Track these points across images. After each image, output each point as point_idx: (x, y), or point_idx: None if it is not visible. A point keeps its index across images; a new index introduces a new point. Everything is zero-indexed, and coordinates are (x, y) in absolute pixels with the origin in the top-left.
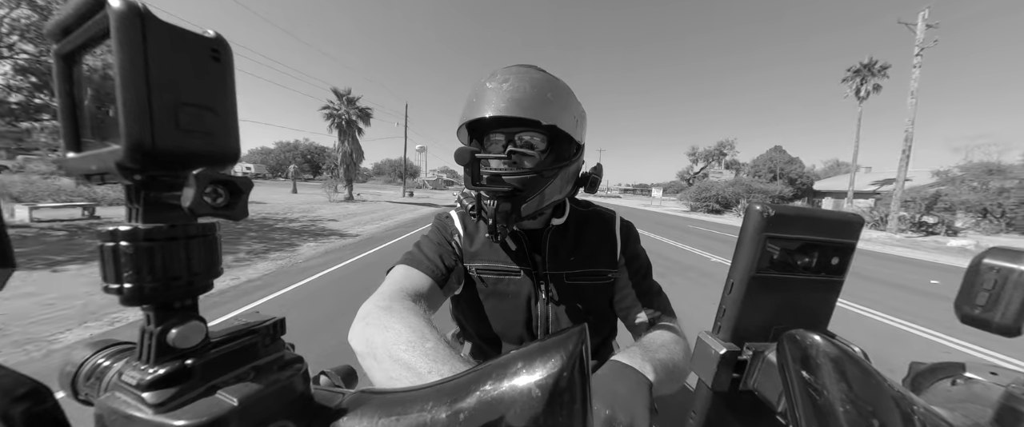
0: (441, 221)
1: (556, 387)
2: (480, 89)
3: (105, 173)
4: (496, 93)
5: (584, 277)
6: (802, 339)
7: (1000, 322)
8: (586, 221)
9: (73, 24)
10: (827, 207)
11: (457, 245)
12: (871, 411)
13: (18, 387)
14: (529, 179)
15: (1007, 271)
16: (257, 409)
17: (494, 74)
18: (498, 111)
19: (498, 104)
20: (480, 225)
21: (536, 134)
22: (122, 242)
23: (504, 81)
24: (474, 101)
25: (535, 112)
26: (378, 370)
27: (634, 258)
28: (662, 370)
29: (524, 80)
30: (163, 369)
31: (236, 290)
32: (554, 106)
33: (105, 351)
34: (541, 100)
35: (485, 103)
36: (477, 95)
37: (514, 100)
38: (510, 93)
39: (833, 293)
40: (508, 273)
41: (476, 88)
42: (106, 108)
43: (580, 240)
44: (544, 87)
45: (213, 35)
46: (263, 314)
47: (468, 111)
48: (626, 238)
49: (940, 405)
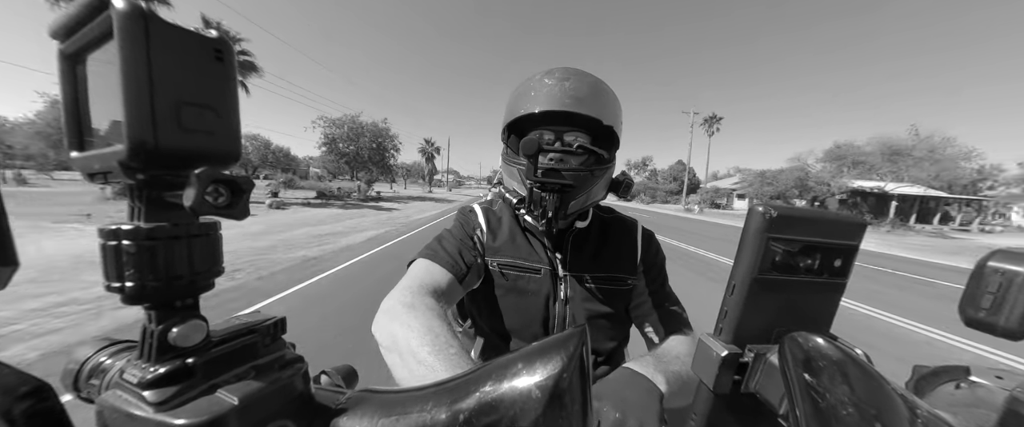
0: (464, 215)
1: (556, 388)
2: (537, 85)
3: (108, 172)
4: (559, 89)
5: (604, 281)
6: (804, 341)
7: (1005, 325)
8: (608, 226)
9: (77, 24)
10: (690, 197)
11: (478, 240)
12: (874, 414)
13: (21, 385)
14: (582, 176)
15: (1012, 274)
16: (257, 408)
17: (551, 72)
18: (565, 106)
19: (563, 100)
20: (503, 221)
21: (583, 134)
22: (124, 241)
23: (565, 79)
24: (533, 94)
25: (598, 111)
26: (401, 367)
27: (652, 266)
28: (675, 382)
29: (584, 81)
30: (164, 368)
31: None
32: (610, 108)
33: (107, 349)
34: (601, 102)
35: (548, 97)
36: (535, 90)
37: (579, 98)
38: (573, 91)
39: (835, 295)
40: (529, 270)
41: (531, 83)
42: (109, 107)
43: (602, 244)
44: (602, 90)
45: (216, 35)
46: (264, 314)
47: (526, 103)
48: (647, 246)
49: (944, 409)
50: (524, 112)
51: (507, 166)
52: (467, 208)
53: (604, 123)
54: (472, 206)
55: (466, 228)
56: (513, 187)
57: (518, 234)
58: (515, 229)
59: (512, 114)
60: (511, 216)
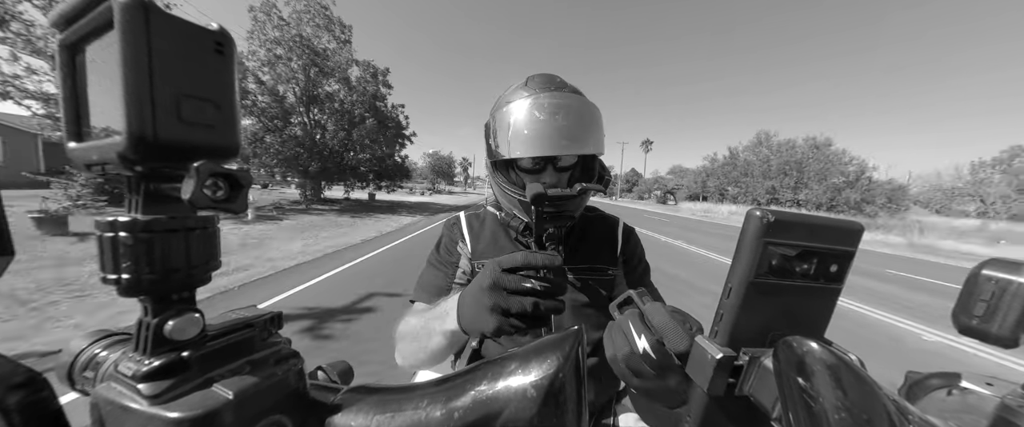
0: (448, 228)
1: (551, 387)
2: (528, 119)
3: (106, 163)
4: (552, 128)
5: (585, 271)
6: (799, 346)
7: (998, 333)
8: (590, 223)
9: (77, 14)
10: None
11: (461, 252)
12: (866, 419)
13: (14, 376)
14: (579, 201)
15: (1005, 282)
16: (252, 403)
17: (538, 101)
18: (560, 150)
19: (559, 142)
20: (486, 223)
21: (574, 159)
22: (121, 233)
23: (555, 113)
24: (527, 133)
25: (593, 145)
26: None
27: (632, 257)
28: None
29: (573, 112)
30: (159, 361)
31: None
32: (598, 133)
33: (101, 341)
34: (593, 132)
35: (542, 139)
36: (526, 126)
37: (572, 137)
38: (566, 131)
39: (831, 300)
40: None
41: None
42: (108, 99)
43: (583, 239)
44: (589, 116)
45: (216, 28)
46: (261, 309)
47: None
48: (627, 239)
49: (935, 415)
50: (519, 155)
51: (503, 192)
52: (451, 220)
53: (597, 155)
54: (458, 216)
55: (449, 244)
56: (513, 212)
57: (501, 235)
58: (498, 230)
59: (504, 152)
60: (495, 218)
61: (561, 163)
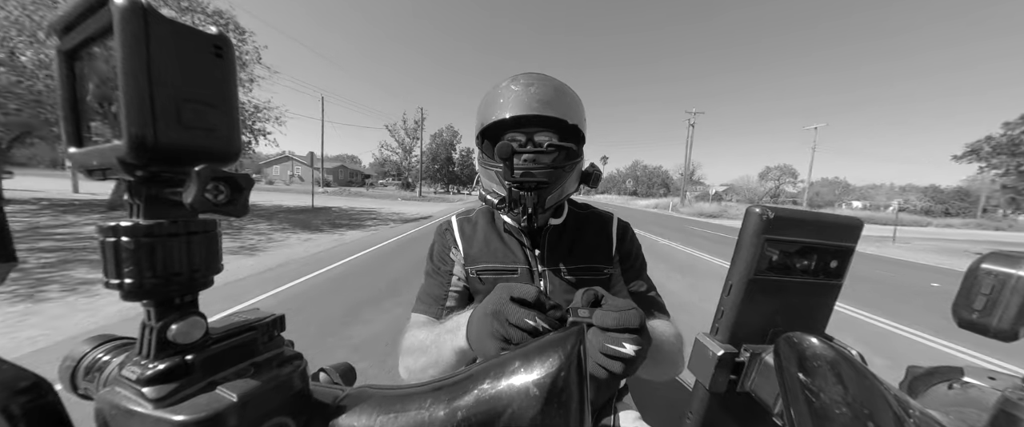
0: (440, 234)
1: (553, 386)
2: (505, 92)
3: (107, 169)
4: (525, 95)
5: (580, 271)
6: (799, 341)
7: (998, 327)
8: (584, 221)
9: (76, 20)
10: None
11: (454, 258)
12: (867, 414)
13: (19, 381)
14: (554, 172)
15: (1004, 276)
16: (256, 405)
17: (516, 78)
18: (533, 110)
19: (531, 104)
20: (478, 226)
21: (552, 134)
22: (123, 237)
23: (529, 85)
24: (502, 102)
25: (563, 112)
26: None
27: (628, 255)
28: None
29: (548, 85)
30: (163, 364)
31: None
32: (573, 108)
33: (104, 345)
34: (565, 103)
35: (517, 103)
36: (503, 96)
37: (545, 102)
38: (539, 96)
39: (831, 296)
40: (505, 271)
41: (499, 91)
42: (108, 104)
43: (577, 238)
44: (565, 91)
45: (215, 32)
46: (263, 311)
47: (496, 110)
48: (622, 236)
49: (936, 409)
50: (495, 119)
51: (484, 169)
52: (444, 225)
53: (569, 123)
54: (449, 220)
55: (443, 252)
56: (492, 189)
57: (493, 238)
58: (490, 233)
59: (484, 121)
60: (487, 220)
61: (539, 137)
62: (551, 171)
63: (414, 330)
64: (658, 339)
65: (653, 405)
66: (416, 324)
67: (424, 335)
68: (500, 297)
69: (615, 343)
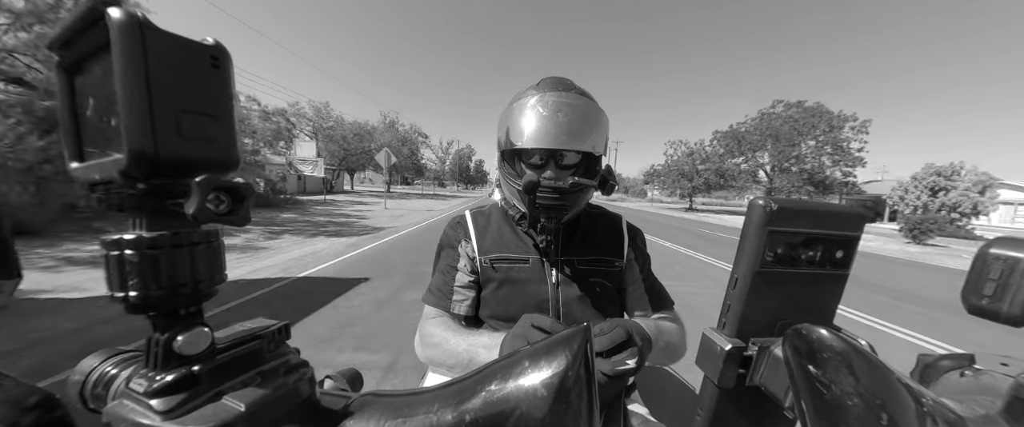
0: (452, 228)
1: (562, 386)
2: (531, 114)
3: (108, 182)
4: (553, 125)
5: (592, 263)
6: (808, 333)
7: (1008, 312)
8: (596, 219)
9: (73, 36)
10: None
11: (466, 252)
12: (880, 404)
13: (28, 397)
14: (575, 196)
15: (1014, 261)
16: (264, 414)
17: (543, 99)
18: (560, 144)
19: (558, 137)
20: (491, 218)
21: (574, 156)
22: (126, 250)
23: (557, 111)
24: (527, 127)
25: (590, 144)
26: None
27: (639, 255)
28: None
29: (576, 111)
30: (170, 376)
31: None
32: (597, 132)
33: (112, 359)
34: (591, 131)
35: (544, 134)
36: (529, 121)
37: (573, 132)
38: (567, 126)
39: (838, 287)
40: (518, 261)
41: (525, 109)
42: (108, 118)
43: (590, 233)
44: (591, 116)
45: (212, 43)
46: (268, 320)
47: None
48: (632, 236)
49: (949, 397)
50: (520, 147)
51: (506, 181)
52: (455, 219)
53: (595, 153)
54: (463, 214)
55: (454, 245)
56: (513, 202)
57: (506, 230)
58: (503, 225)
59: (508, 143)
60: (500, 213)
61: (564, 161)
62: (573, 195)
63: (436, 328)
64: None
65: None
66: (433, 318)
67: (454, 341)
68: (524, 324)
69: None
